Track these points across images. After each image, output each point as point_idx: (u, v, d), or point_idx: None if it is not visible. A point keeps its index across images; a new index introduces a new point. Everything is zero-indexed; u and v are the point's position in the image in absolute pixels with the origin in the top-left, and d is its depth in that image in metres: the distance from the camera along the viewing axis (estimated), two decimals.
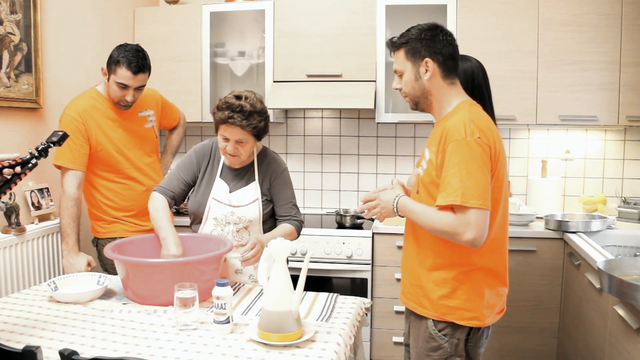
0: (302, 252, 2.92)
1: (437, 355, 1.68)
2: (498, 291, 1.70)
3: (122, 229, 2.44)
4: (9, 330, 1.59)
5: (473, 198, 1.50)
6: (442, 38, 1.66)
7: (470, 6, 2.98)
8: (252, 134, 1.98)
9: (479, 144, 1.54)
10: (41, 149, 1.69)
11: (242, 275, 2.11)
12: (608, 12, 2.86)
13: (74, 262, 2.28)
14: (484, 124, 1.60)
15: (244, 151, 2.01)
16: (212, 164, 2.15)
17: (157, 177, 2.54)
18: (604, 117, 2.92)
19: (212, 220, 2.08)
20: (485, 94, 1.98)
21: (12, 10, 2.39)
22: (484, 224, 1.52)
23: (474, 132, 1.55)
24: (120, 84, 2.29)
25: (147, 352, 1.44)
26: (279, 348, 1.47)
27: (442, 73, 1.67)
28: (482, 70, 2.00)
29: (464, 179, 1.51)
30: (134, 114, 2.47)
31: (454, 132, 1.56)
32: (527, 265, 2.78)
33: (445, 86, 1.69)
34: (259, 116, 1.97)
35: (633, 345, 1.73)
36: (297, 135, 3.59)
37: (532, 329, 2.81)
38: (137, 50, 2.29)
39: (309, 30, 3.15)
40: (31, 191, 2.51)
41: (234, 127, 1.93)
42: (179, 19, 3.30)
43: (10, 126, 2.44)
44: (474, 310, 1.64)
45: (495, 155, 1.59)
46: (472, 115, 1.61)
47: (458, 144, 1.54)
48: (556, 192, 3.13)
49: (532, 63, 2.95)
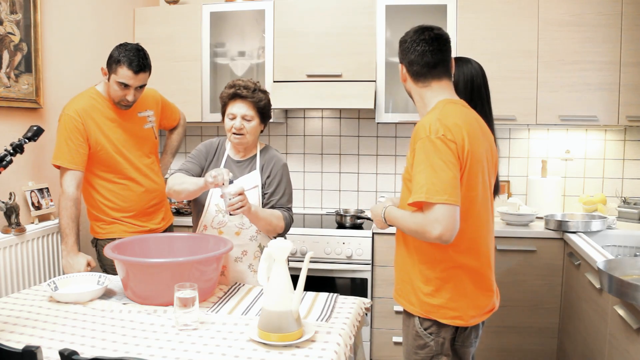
0: (302, 252, 2.92)
1: (424, 353, 1.70)
2: (484, 292, 1.70)
3: (122, 229, 2.43)
4: (9, 330, 1.59)
5: (438, 194, 1.50)
6: (408, 44, 1.72)
7: (470, 6, 2.98)
8: (257, 109, 2.12)
9: (443, 140, 1.55)
10: (16, 145, 1.69)
11: (241, 263, 2.13)
12: (608, 12, 2.86)
13: (73, 262, 2.28)
14: (452, 122, 1.60)
15: (250, 129, 2.12)
16: (217, 157, 2.25)
17: (156, 178, 2.54)
18: (604, 117, 2.92)
19: (214, 206, 2.13)
20: (485, 96, 2.01)
21: (12, 10, 2.40)
22: (452, 218, 1.50)
23: (438, 130, 1.57)
24: (121, 83, 2.28)
25: (147, 352, 1.44)
26: (279, 348, 1.47)
27: (412, 77, 1.75)
28: (482, 73, 2.03)
29: (429, 175, 1.53)
30: (133, 115, 2.46)
31: (420, 131, 1.61)
32: (527, 265, 2.78)
33: (418, 89, 1.75)
34: (262, 93, 2.14)
35: (633, 345, 1.73)
36: (297, 135, 3.59)
37: (532, 329, 2.81)
38: (138, 49, 2.29)
39: (309, 30, 3.15)
40: (31, 191, 2.51)
41: (240, 101, 2.11)
42: (179, 19, 3.30)
43: (10, 126, 2.44)
44: (457, 310, 1.65)
45: (464, 152, 1.59)
46: (441, 114, 1.62)
47: (423, 142, 1.58)
48: (556, 192, 3.13)
49: (532, 63, 2.95)
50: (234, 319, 1.70)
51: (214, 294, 1.92)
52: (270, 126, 3.59)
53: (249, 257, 2.14)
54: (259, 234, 2.12)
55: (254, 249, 2.13)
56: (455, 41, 2.96)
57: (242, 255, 2.13)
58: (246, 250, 2.12)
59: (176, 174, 2.16)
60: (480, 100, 1.96)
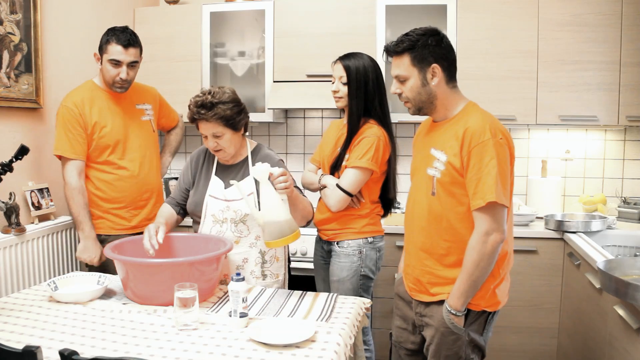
0: (302, 252, 2.91)
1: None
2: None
3: (108, 225, 2.47)
4: (9, 330, 1.59)
5: (505, 197, 1.62)
6: (446, 44, 1.71)
7: (470, 6, 2.98)
8: (222, 123, 1.99)
9: (503, 145, 1.64)
10: (6, 163, 1.73)
11: (243, 271, 2.10)
12: (608, 12, 2.86)
13: (90, 246, 2.34)
14: (500, 126, 1.69)
15: (226, 144, 2.03)
16: (207, 164, 2.18)
17: (153, 171, 2.56)
18: (604, 117, 2.92)
19: (210, 217, 2.09)
20: (382, 89, 2.24)
21: (12, 10, 2.40)
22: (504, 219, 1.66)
23: (497, 134, 1.63)
24: (112, 60, 2.33)
25: (147, 352, 1.44)
26: (279, 348, 1.47)
27: (446, 78, 1.72)
28: (375, 68, 2.23)
29: (496, 178, 1.60)
30: (131, 105, 2.50)
31: (478, 133, 1.63)
32: (527, 265, 2.78)
33: (449, 90, 1.73)
34: (223, 105, 1.98)
35: (633, 345, 1.73)
36: (297, 135, 3.59)
37: (532, 329, 2.81)
38: (125, 28, 2.37)
39: (309, 30, 3.15)
40: (31, 191, 2.51)
41: (202, 122, 2.01)
42: (179, 19, 3.30)
43: (10, 126, 2.44)
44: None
45: (513, 156, 1.70)
46: (489, 117, 1.69)
47: (485, 145, 1.61)
48: (556, 192, 3.13)
49: (532, 63, 2.95)
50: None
51: (214, 294, 1.92)
52: (270, 126, 3.59)
53: (250, 264, 2.09)
54: (258, 240, 2.08)
55: (255, 255, 2.09)
56: (455, 41, 2.96)
57: (243, 263, 2.09)
58: (247, 258, 2.09)
59: (164, 206, 2.20)
60: (379, 93, 2.19)
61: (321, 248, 2.37)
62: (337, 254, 2.25)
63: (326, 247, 2.34)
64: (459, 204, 1.70)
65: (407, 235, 1.91)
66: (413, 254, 1.84)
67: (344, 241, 2.24)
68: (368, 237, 2.24)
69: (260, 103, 3.28)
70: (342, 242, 2.24)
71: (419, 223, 1.80)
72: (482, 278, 1.66)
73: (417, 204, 1.82)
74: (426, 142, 1.82)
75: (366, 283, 2.25)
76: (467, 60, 2.97)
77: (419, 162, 1.85)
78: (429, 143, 1.79)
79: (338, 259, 2.25)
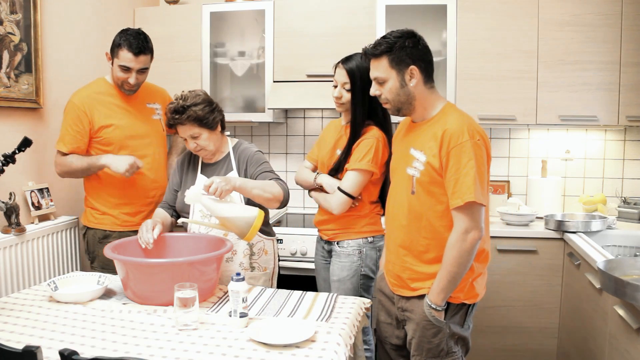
0: (302, 252, 2.91)
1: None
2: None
3: (112, 222, 2.47)
4: (9, 330, 1.59)
5: (483, 197, 1.65)
6: (423, 45, 1.74)
7: (470, 6, 2.98)
8: (197, 124, 2.10)
9: (480, 145, 1.67)
10: (9, 155, 1.73)
11: (232, 263, 2.16)
12: (608, 12, 2.85)
13: (118, 157, 2.32)
14: (478, 127, 1.72)
15: (205, 143, 2.14)
16: (193, 164, 2.28)
17: (160, 169, 2.57)
18: (604, 117, 2.91)
19: (198, 212, 2.15)
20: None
21: (12, 10, 2.39)
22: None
23: (474, 135, 1.67)
24: (122, 66, 2.34)
25: (147, 352, 1.44)
26: (279, 348, 1.47)
27: (424, 79, 1.75)
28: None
29: (474, 178, 1.63)
30: (142, 104, 2.52)
31: (456, 135, 1.66)
32: (527, 265, 2.78)
33: (426, 90, 1.77)
34: (195, 107, 2.09)
35: (633, 345, 1.73)
36: (297, 135, 3.59)
37: (532, 329, 2.81)
38: (138, 33, 2.35)
39: (309, 30, 3.15)
40: (31, 191, 2.51)
41: (179, 126, 2.12)
42: (179, 19, 3.30)
43: (10, 126, 2.44)
44: None
45: (489, 156, 1.74)
46: (466, 118, 1.73)
47: (463, 146, 1.65)
48: (556, 192, 3.13)
49: (532, 63, 2.94)
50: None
51: (214, 294, 1.92)
52: (270, 126, 3.60)
53: (239, 256, 2.16)
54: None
55: (243, 247, 2.16)
56: (455, 41, 2.96)
57: (232, 255, 2.15)
58: (235, 250, 2.15)
59: (158, 209, 2.28)
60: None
61: (322, 248, 2.38)
62: (337, 253, 2.26)
63: (327, 247, 2.34)
64: (438, 203, 1.73)
65: (388, 232, 1.95)
66: (393, 250, 1.87)
67: (344, 241, 2.24)
68: (368, 236, 2.24)
69: (260, 103, 3.28)
70: (342, 242, 2.25)
71: (399, 221, 1.83)
72: (461, 274, 1.69)
73: (397, 203, 1.85)
74: (405, 142, 1.85)
75: (367, 283, 2.26)
76: (467, 60, 2.97)
77: (398, 162, 1.88)
78: (409, 143, 1.82)
79: (338, 259, 2.25)
